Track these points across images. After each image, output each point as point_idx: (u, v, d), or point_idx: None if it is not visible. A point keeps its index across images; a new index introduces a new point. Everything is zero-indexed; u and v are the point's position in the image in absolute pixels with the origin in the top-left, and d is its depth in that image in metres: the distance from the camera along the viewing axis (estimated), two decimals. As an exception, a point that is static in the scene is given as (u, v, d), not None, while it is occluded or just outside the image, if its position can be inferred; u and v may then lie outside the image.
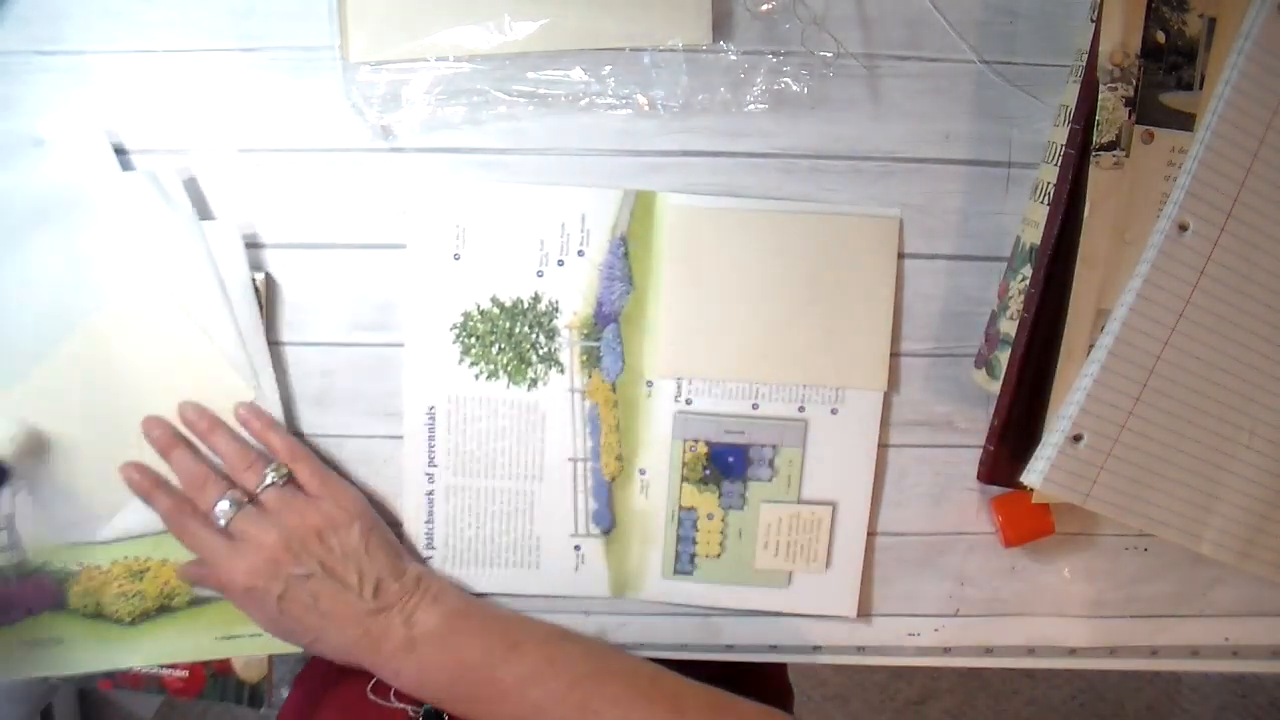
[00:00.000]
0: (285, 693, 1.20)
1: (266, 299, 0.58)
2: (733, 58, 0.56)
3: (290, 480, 0.57)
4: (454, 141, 0.57)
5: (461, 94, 0.56)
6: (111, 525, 0.60)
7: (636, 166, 0.58)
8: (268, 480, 0.56)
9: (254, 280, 0.58)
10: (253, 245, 0.58)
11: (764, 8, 0.56)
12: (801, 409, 0.61)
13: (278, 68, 0.56)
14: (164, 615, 0.62)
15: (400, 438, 0.61)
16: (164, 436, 0.57)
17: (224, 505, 0.56)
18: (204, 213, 0.57)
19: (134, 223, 0.56)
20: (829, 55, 0.56)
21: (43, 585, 0.61)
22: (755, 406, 0.61)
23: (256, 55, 0.56)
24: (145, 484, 0.58)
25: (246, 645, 0.63)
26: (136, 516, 0.60)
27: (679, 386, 0.60)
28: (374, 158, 0.57)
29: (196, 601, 0.62)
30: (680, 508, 0.62)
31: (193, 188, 0.57)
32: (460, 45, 0.55)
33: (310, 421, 0.60)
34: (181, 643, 0.62)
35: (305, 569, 0.55)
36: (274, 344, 0.60)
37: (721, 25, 0.56)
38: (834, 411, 0.61)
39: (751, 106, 0.57)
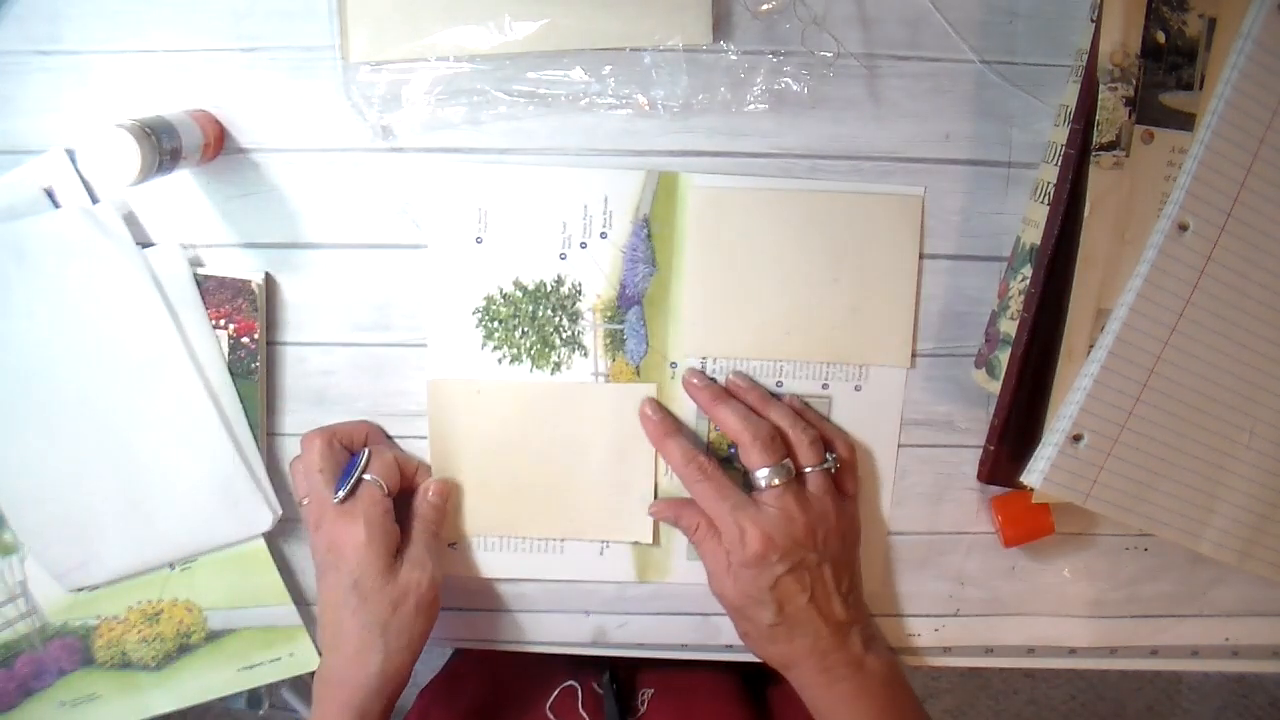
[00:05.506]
0: (284, 694, 1.20)
1: (266, 299, 0.58)
2: (733, 58, 0.56)
3: (837, 471, 0.59)
4: (454, 141, 0.57)
5: (461, 94, 0.56)
6: (103, 565, 0.60)
7: (637, 166, 0.58)
8: (826, 464, 0.58)
9: (254, 286, 0.58)
10: (252, 245, 0.58)
11: (764, 8, 0.56)
12: (825, 386, 0.61)
13: (278, 68, 0.56)
14: (186, 654, 0.63)
15: (400, 437, 0.61)
16: (714, 389, 0.59)
17: (765, 472, 0.56)
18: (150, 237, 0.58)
19: (74, 260, 0.56)
20: (829, 55, 0.56)
21: (68, 645, 0.62)
22: (779, 385, 0.61)
23: (256, 55, 0.56)
24: (660, 430, 0.59)
25: (267, 672, 0.63)
26: (124, 554, 0.60)
27: (703, 366, 0.61)
28: (374, 158, 0.57)
29: (213, 636, 0.62)
30: None
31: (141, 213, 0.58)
32: (460, 45, 0.55)
33: (310, 421, 0.60)
34: (208, 678, 0.63)
35: (818, 556, 0.56)
36: (274, 344, 0.60)
37: (721, 25, 0.56)
38: (858, 389, 0.61)
39: (751, 106, 0.57)
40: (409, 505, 0.60)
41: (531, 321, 0.60)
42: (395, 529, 0.57)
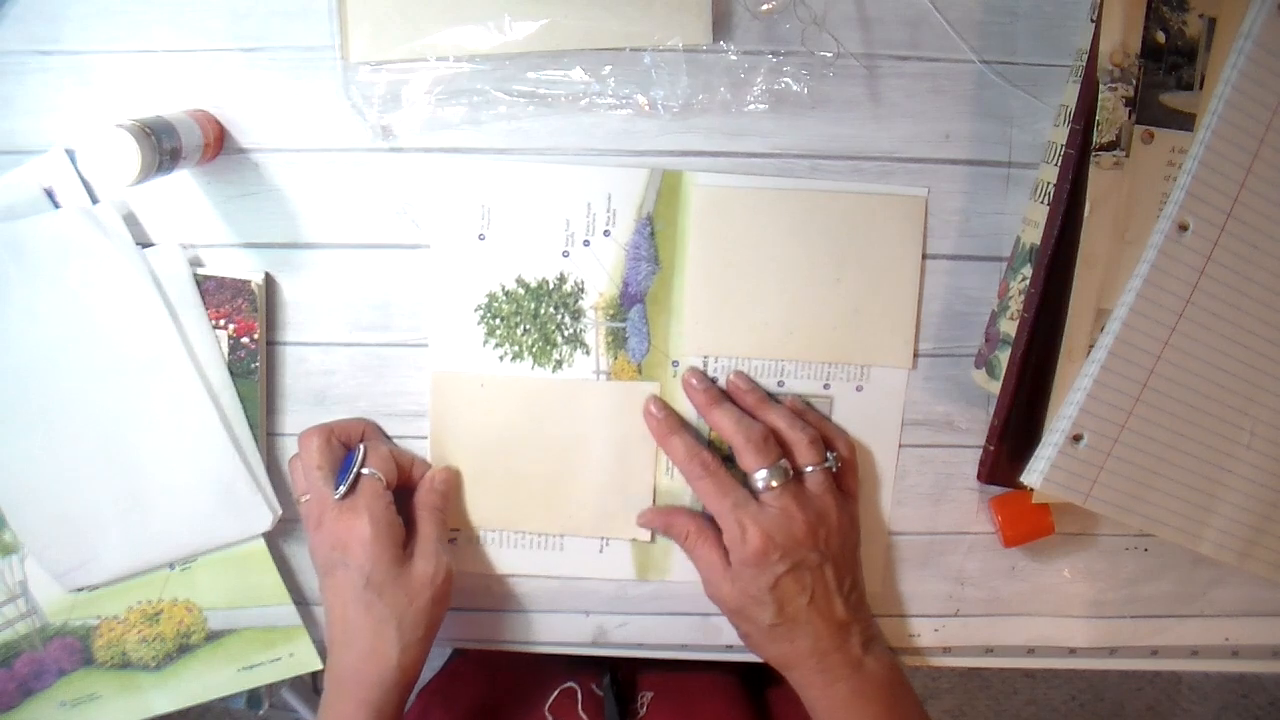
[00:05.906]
0: (284, 695, 1.20)
1: (266, 299, 0.58)
2: (733, 58, 0.56)
3: (839, 471, 0.59)
4: (454, 141, 0.57)
5: (461, 94, 0.56)
6: (103, 565, 0.60)
7: (637, 166, 0.58)
8: (826, 463, 0.58)
9: (253, 287, 0.58)
10: (252, 245, 0.58)
11: (764, 8, 0.56)
12: (827, 386, 0.61)
13: (278, 68, 0.56)
14: (185, 655, 0.63)
15: (401, 437, 0.61)
16: (711, 391, 0.59)
17: (762, 473, 0.56)
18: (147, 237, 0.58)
19: (74, 260, 0.56)
20: (829, 55, 0.56)
21: (68, 645, 0.62)
22: (781, 384, 0.61)
23: (256, 55, 0.56)
24: (664, 428, 0.59)
25: (267, 672, 0.63)
26: (124, 554, 0.60)
27: (705, 366, 0.61)
28: (374, 158, 0.57)
29: (213, 636, 0.62)
30: None
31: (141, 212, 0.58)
32: (460, 45, 0.55)
33: (310, 421, 0.60)
34: (207, 679, 0.63)
35: (819, 556, 0.56)
36: (274, 344, 0.60)
37: (721, 25, 0.56)
38: (859, 389, 0.61)
39: (751, 106, 0.57)
40: (407, 500, 0.60)
41: (534, 319, 0.60)
42: (399, 521, 0.57)
